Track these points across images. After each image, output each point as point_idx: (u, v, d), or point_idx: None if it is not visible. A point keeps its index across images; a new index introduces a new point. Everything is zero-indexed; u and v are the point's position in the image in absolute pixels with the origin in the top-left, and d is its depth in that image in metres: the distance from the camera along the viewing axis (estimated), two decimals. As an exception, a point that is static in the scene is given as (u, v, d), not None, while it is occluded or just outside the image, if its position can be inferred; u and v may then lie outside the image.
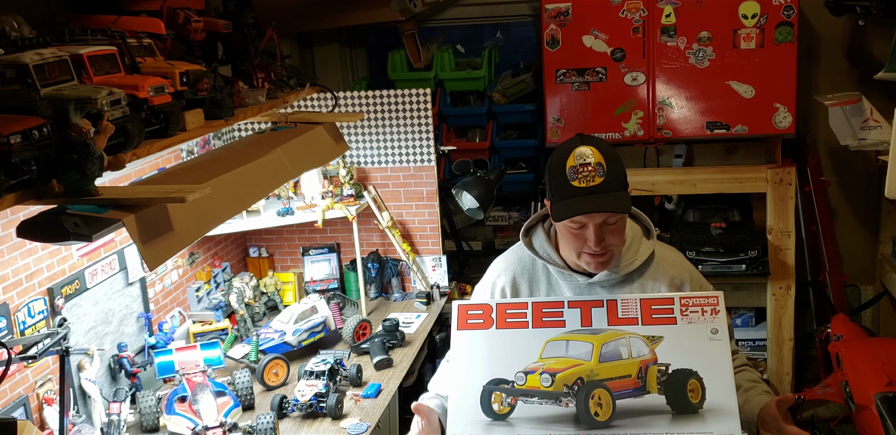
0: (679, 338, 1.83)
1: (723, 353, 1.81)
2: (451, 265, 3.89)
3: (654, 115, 3.86)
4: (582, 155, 1.90)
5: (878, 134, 3.68)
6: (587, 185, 1.90)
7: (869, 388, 3.12)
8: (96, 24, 2.11)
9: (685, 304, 1.88)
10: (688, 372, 1.78)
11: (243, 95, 2.48)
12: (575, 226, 1.95)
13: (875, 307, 4.37)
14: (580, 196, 1.90)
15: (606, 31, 3.80)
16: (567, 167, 1.92)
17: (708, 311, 1.87)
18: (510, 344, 1.89)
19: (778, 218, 3.89)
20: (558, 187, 1.94)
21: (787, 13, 3.67)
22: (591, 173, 1.90)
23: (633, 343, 1.83)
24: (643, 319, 1.87)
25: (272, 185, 2.58)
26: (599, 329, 1.87)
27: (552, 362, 1.83)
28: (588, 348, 1.83)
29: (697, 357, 1.79)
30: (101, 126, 1.61)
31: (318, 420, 2.70)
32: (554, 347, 1.86)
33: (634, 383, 1.78)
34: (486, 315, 1.96)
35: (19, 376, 2.40)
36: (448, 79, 4.37)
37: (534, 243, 2.13)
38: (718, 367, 1.78)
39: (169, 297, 3.20)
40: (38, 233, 1.63)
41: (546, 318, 1.91)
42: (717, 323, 1.85)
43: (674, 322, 1.86)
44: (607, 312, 1.89)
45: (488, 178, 3.69)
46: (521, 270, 2.16)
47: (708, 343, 1.82)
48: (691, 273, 2.13)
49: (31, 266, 2.46)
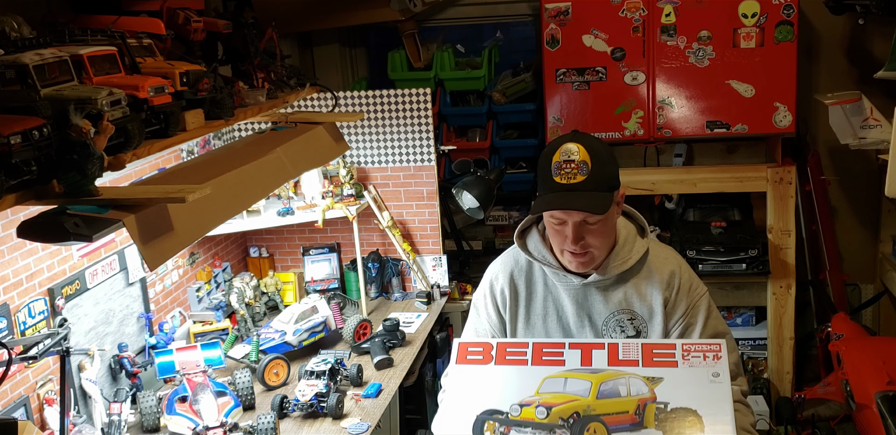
0: (679, 379, 1.81)
1: (724, 395, 1.78)
2: (451, 265, 3.89)
3: (654, 114, 3.86)
4: (568, 151, 1.91)
5: (878, 133, 3.68)
6: (567, 181, 1.90)
7: (869, 386, 3.13)
8: (96, 24, 2.11)
9: (687, 349, 1.87)
10: (687, 410, 1.75)
11: (243, 95, 2.48)
12: (555, 221, 1.97)
13: (875, 306, 4.37)
14: (559, 193, 1.91)
15: (606, 30, 3.81)
16: (552, 162, 1.92)
17: (710, 356, 1.85)
18: (508, 378, 1.87)
19: (778, 217, 3.89)
20: (542, 181, 1.96)
21: (786, 12, 3.67)
22: (574, 171, 1.90)
23: (633, 383, 1.80)
24: (644, 362, 1.85)
25: (272, 185, 2.58)
26: (599, 369, 1.85)
27: (549, 397, 1.81)
28: (586, 386, 1.80)
29: (698, 397, 1.76)
30: (101, 126, 1.61)
31: (318, 420, 2.70)
32: (552, 383, 1.84)
33: (632, 419, 1.75)
34: (486, 352, 1.95)
35: (20, 377, 2.40)
36: (448, 78, 4.37)
37: (528, 245, 2.13)
38: (719, 407, 1.75)
39: (169, 297, 3.20)
40: (38, 233, 1.63)
41: (546, 357, 1.90)
42: (718, 367, 1.83)
43: (675, 365, 1.84)
44: (608, 354, 1.88)
45: (488, 177, 3.69)
46: (519, 271, 2.16)
47: (709, 385, 1.79)
48: (682, 269, 2.12)
49: (32, 266, 2.46)
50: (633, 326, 2.08)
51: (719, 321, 2.11)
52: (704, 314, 2.08)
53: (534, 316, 2.14)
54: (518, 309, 2.15)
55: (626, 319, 2.09)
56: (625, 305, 2.09)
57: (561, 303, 2.12)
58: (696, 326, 2.07)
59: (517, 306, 2.15)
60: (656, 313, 2.07)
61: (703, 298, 2.10)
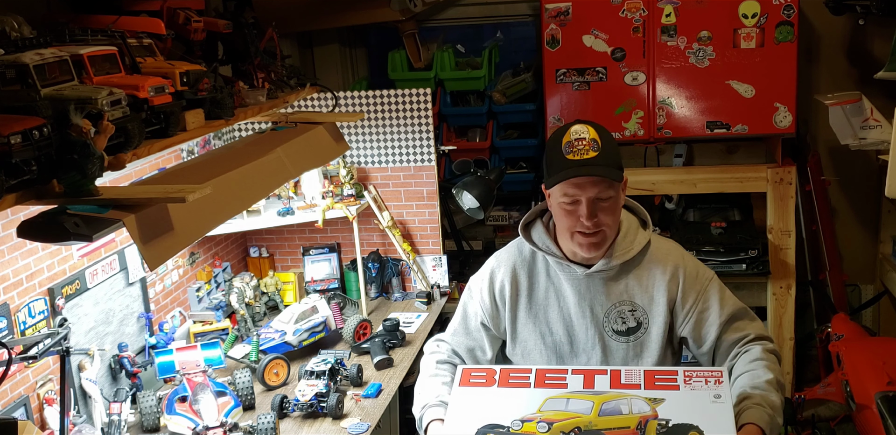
0: (681, 400, 1.82)
1: (726, 414, 1.79)
2: (451, 265, 3.89)
3: (655, 114, 3.86)
4: (577, 131, 1.96)
5: (879, 133, 3.68)
6: (581, 157, 1.95)
7: (869, 387, 3.12)
8: (96, 24, 2.11)
9: (689, 375, 1.89)
10: (689, 426, 1.76)
11: (243, 95, 2.48)
12: (567, 200, 1.98)
13: (875, 306, 4.37)
14: (573, 167, 1.95)
15: (606, 30, 3.80)
16: (563, 143, 1.97)
17: (712, 380, 1.87)
18: (510, 398, 1.90)
19: (778, 217, 3.89)
20: (553, 162, 1.98)
21: (787, 13, 3.67)
22: (586, 147, 1.95)
23: (635, 402, 1.82)
24: (646, 385, 1.87)
25: (272, 185, 2.58)
26: (601, 391, 1.87)
27: (551, 414, 1.82)
28: (588, 405, 1.82)
29: (699, 415, 1.77)
30: (101, 126, 1.61)
31: (318, 420, 2.70)
32: (554, 402, 1.86)
33: (633, 433, 1.76)
34: (490, 376, 1.98)
35: (20, 376, 2.40)
36: (448, 78, 4.37)
37: (533, 236, 2.15)
38: (721, 426, 1.75)
39: (169, 297, 3.20)
40: (38, 233, 1.63)
41: (549, 381, 1.93)
42: (720, 390, 1.84)
43: (677, 388, 1.86)
44: (610, 379, 1.90)
45: (488, 177, 3.69)
46: (522, 261, 2.17)
47: (711, 405, 1.80)
48: (685, 260, 2.14)
49: (32, 266, 2.46)
50: (633, 318, 2.10)
51: (734, 299, 2.13)
52: (718, 296, 2.10)
53: (535, 306, 2.15)
54: (519, 299, 2.16)
55: (627, 311, 2.11)
56: (626, 297, 2.11)
57: (563, 293, 2.13)
58: (712, 309, 2.09)
59: (518, 296, 2.16)
60: (659, 305, 2.09)
61: (712, 281, 2.13)
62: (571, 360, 2.14)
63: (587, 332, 2.12)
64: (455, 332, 2.27)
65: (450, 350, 2.25)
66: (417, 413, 2.10)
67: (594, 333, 2.11)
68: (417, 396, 2.14)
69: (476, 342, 2.23)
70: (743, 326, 2.08)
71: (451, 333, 2.28)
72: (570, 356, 2.14)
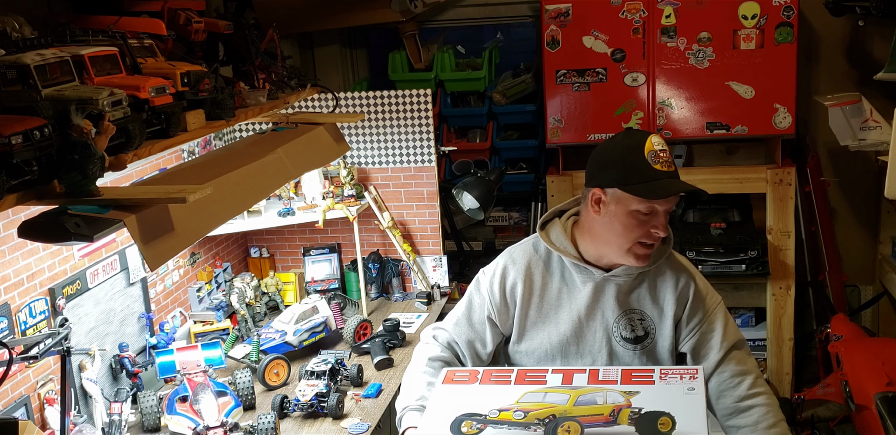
0: (655, 392, 1.88)
1: (698, 404, 1.83)
2: (451, 265, 3.90)
3: (654, 115, 3.86)
4: (659, 142, 1.98)
5: (878, 134, 3.68)
6: (668, 169, 1.97)
7: (869, 388, 3.13)
8: (97, 24, 2.12)
9: (665, 372, 1.94)
10: (660, 412, 1.80)
11: (244, 96, 2.48)
12: (646, 211, 1.98)
13: (875, 307, 4.37)
14: (666, 179, 1.96)
15: (606, 31, 3.81)
16: (646, 151, 1.96)
17: (687, 377, 1.92)
18: (489, 393, 1.95)
19: (778, 218, 3.90)
20: (638, 171, 1.96)
21: (786, 14, 3.68)
22: (669, 159, 1.98)
23: (610, 395, 1.87)
24: (622, 381, 1.93)
25: (273, 186, 2.59)
26: (579, 386, 1.93)
27: (527, 404, 1.88)
28: (565, 397, 1.88)
29: (671, 404, 1.82)
30: (102, 127, 1.62)
31: (318, 420, 2.70)
32: (532, 395, 1.92)
33: (606, 419, 1.81)
34: (472, 376, 2.04)
35: (20, 376, 2.40)
36: (448, 79, 4.37)
37: (551, 236, 2.14)
38: (692, 412, 1.80)
39: (170, 297, 3.21)
40: (39, 233, 1.64)
41: (529, 378, 1.99)
42: (694, 384, 1.90)
43: (652, 383, 1.92)
44: (588, 376, 1.96)
45: (489, 178, 3.69)
46: (536, 260, 2.16)
47: (683, 396, 1.86)
48: (697, 279, 2.16)
49: (33, 266, 2.47)
50: (642, 327, 2.10)
51: (736, 328, 2.15)
52: (723, 322, 2.12)
53: (547, 306, 2.15)
54: (532, 298, 2.16)
55: (636, 319, 2.11)
56: (637, 305, 2.11)
57: (575, 296, 2.13)
58: (716, 332, 2.10)
59: (531, 296, 2.16)
60: (666, 318, 2.10)
61: (720, 306, 2.14)
62: (577, 360, 2.14)
63: (595, 334, 2.12)
64: (458, 322, 2.26)
65: (446, 342, 2.24)
66: (399, 411, 2.12)
67: (602, 336, 2.12)
68: (402, 391, 2.18)
69: (478, 335, 2.22)
70: (743, 358, 2.10)
71: (454, 322, 2.26)
72: (575, 357, 2.14)
